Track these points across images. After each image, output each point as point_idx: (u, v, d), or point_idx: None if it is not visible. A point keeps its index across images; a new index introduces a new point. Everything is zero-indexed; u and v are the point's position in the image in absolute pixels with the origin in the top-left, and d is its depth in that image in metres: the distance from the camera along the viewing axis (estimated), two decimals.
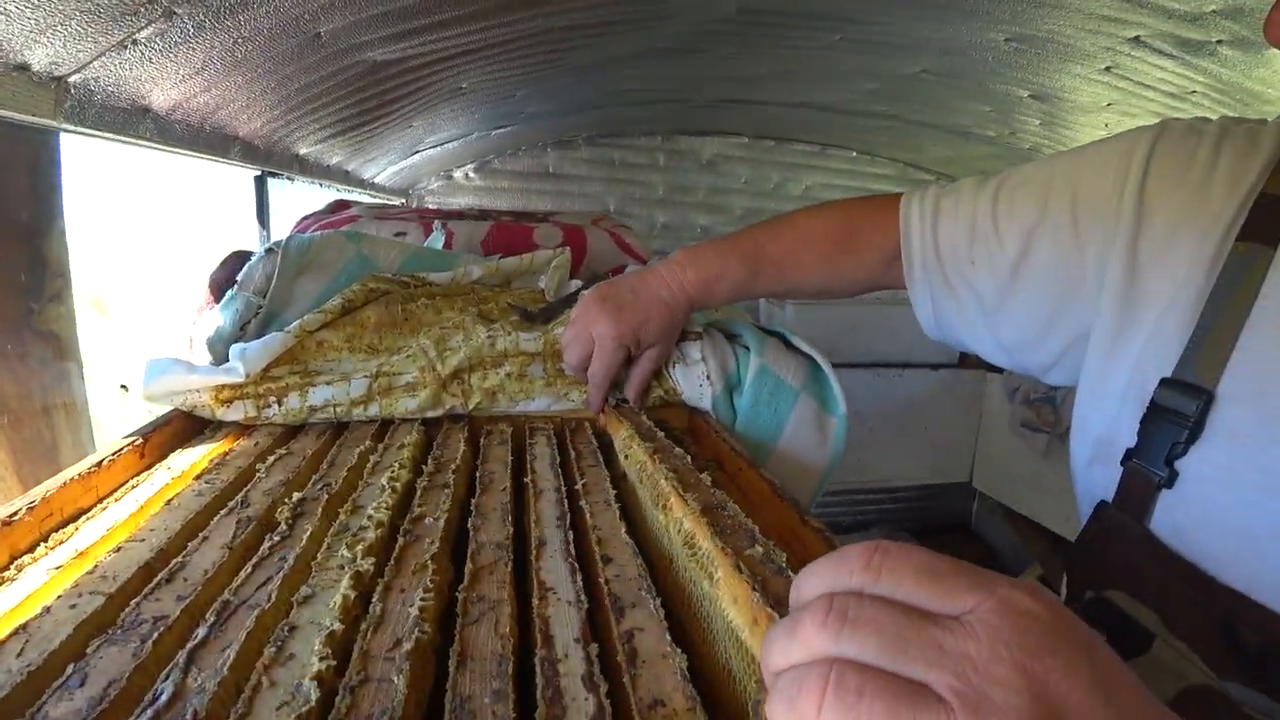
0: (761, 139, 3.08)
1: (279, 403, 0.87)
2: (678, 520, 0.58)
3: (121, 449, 0.74)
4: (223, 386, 0.85)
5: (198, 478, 0.72)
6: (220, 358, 0.97)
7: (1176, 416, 0.59)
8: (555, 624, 0.46)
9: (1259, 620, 0.54)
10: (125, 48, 0.70)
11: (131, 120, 0.83)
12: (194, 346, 0.99)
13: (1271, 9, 0.49)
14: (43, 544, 0.59)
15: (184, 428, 0.86)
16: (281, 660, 0.42)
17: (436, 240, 1.29)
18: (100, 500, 0.68)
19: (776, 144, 3.10)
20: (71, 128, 0.73)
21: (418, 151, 1.99)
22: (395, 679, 0.40)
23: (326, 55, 0.98)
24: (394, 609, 0.47)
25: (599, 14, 1.25)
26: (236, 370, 0.84)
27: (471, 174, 2.87)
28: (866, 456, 2.79)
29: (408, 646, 0.43)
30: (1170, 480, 0.60)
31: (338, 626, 0.45)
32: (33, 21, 0.60)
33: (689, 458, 0.70)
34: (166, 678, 0.41)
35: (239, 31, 0.79)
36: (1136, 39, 1.61)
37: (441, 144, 2.02)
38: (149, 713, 0.38)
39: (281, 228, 1.57)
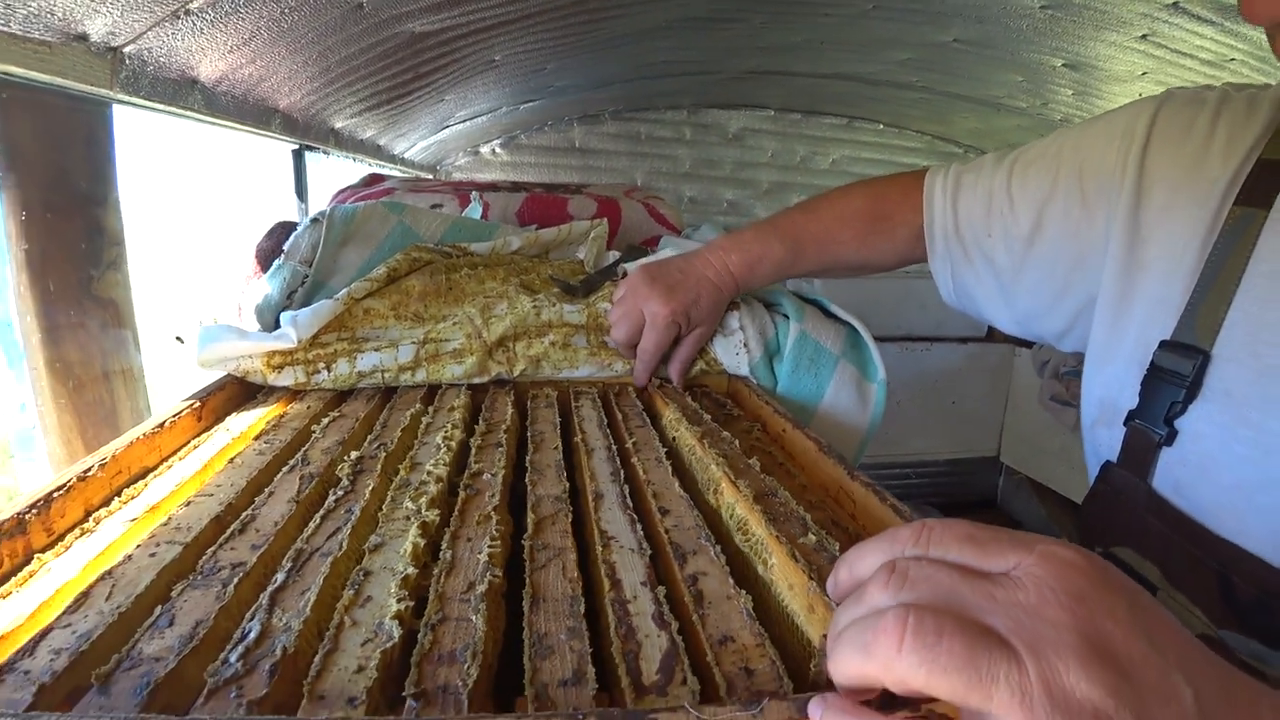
0: (788, 111, 3.05)
1: (328, 368, 0.89)
2: (729, 505, 0.59)
3: (181, 411, 0.76)
4: (274, 353, 0.87)
5: (257, 438, 0.74)
6: (268, 325, 0.98)
7: (1175, 377, 0.60)
8: (621, 569, 0.47)
9: (1252, 571, 0.56)
10: (178, 17, 0.71)
11: (181, 91, 0.85)
12: (242, 314, 1.01)
13: None
14: (116, 499, 0.61)
15: (237, 392, 0.88)
16: (360, 601, 0.44)
17: (474, 211, 1.30)
18: (164, 459, 0.71)
19: (803, 117, 3.07)
20: (126, 98, 0.75)
21: (447, 126, 2.00)
22: (473, 618, 0.41)
23: (368, 26, 0.98)
24: (463, 555, 0.49)
25: None
26: (289, 336, 0.85)
27: (499, 149, 2.87)
28: (893, 430, 2.78)
29: (481, 589, 0.44)
30: (1170, 439, 0.61)
31: (411, 571, 0.46)
32: None
33: (735, 441, 0.70)
34: (252, 618, 0.42)
35: (286, 2, 0.80)
36: (1175, 4, 1.58)
37: (470, 119, 2.03)
38: (239, 649, 0.39)
39: (317, 201, 1.59)
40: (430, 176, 2.67)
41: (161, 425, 0.72)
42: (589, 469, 0.65)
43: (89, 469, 0.61)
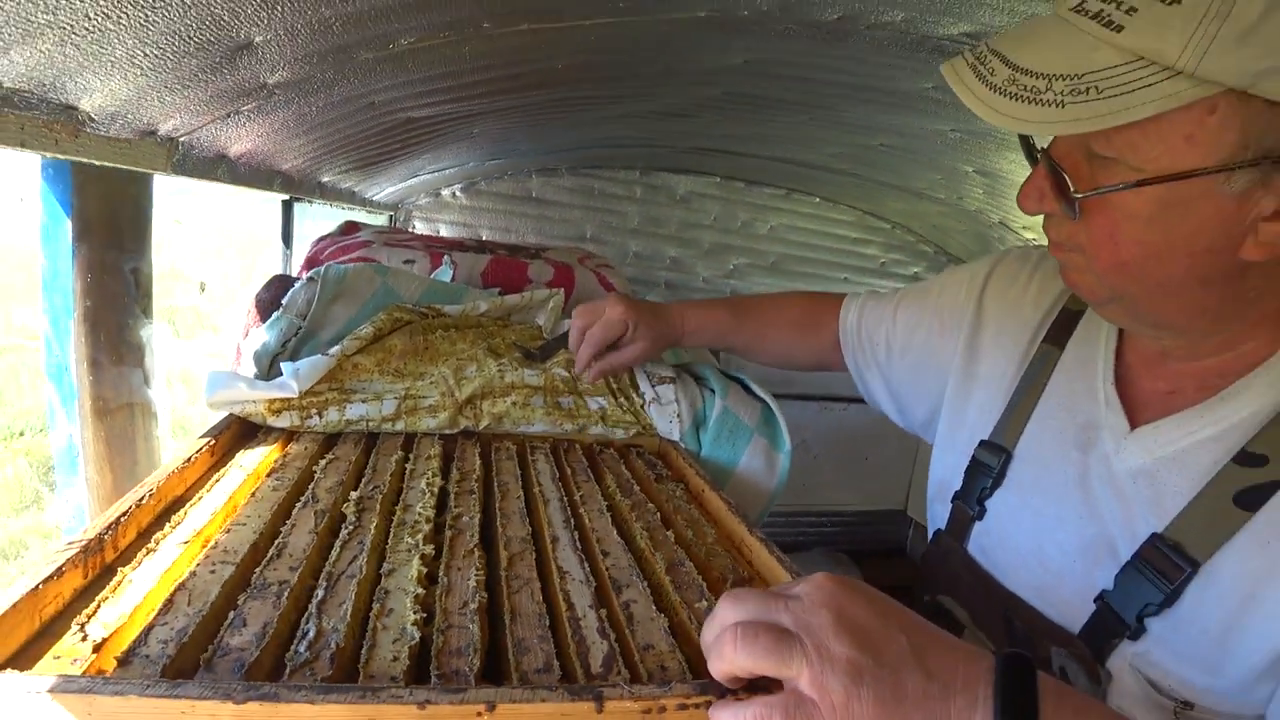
0: (732, 180, 3.29)
1: (320, 415, 1.04)
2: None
3: (200, 449, 0.90)
4: (275, 399, 1.02)
5: (268, 475, 0.89)
6: (265, 370, 1.13)
7: (987, 469, 0.82)
8: (574, 596, 0.64)
9: (1025, 615, 0.76)
10: (230, 116, 0.87)
11: (212, 166, 1.00)
12: (241, 359, 1.15)
13: (1024, 183, 0.68)
14: (163, 523, 0.76)
15: (240, 431, 1.03)
16: (385, 613, 0.60)
17: (445, 272, 1.47)
18: (189, 489, 0.85)
19: (746, 186, 3.31)
20: (174, 176, 0.90)
21: (416, 176, 2.16)
22: (470, 626, 0.58)
23: (375, 115, 1.15)
24: (457, 581, 0.65)
25: (608, 88, 1.45)
26: (290, 387, 1.00)
27: (459, 194, 3.03)
28: (810, 482, 3.01)
29: (473, 606, 0.61)
30: (981, 514, 0.83)
31: (420, 591, 0.63)
32: (174, 104, 0.77)
33: (658, 513, 0.87)
34: (307, 621, 0.58)
35: (316, 105, 0.96)
36: None
37: (438, 171, 2.20)
38: (304, 643, 0.55)
39: (297, 245, 1.73)
40: (391, 215, 2.82)
41: (188, 460, 0.87)
42: (546, 516, 0.83)
43: (142, 498, 0.75)
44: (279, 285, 1.21)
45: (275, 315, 1.16)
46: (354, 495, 0.83)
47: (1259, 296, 0.62)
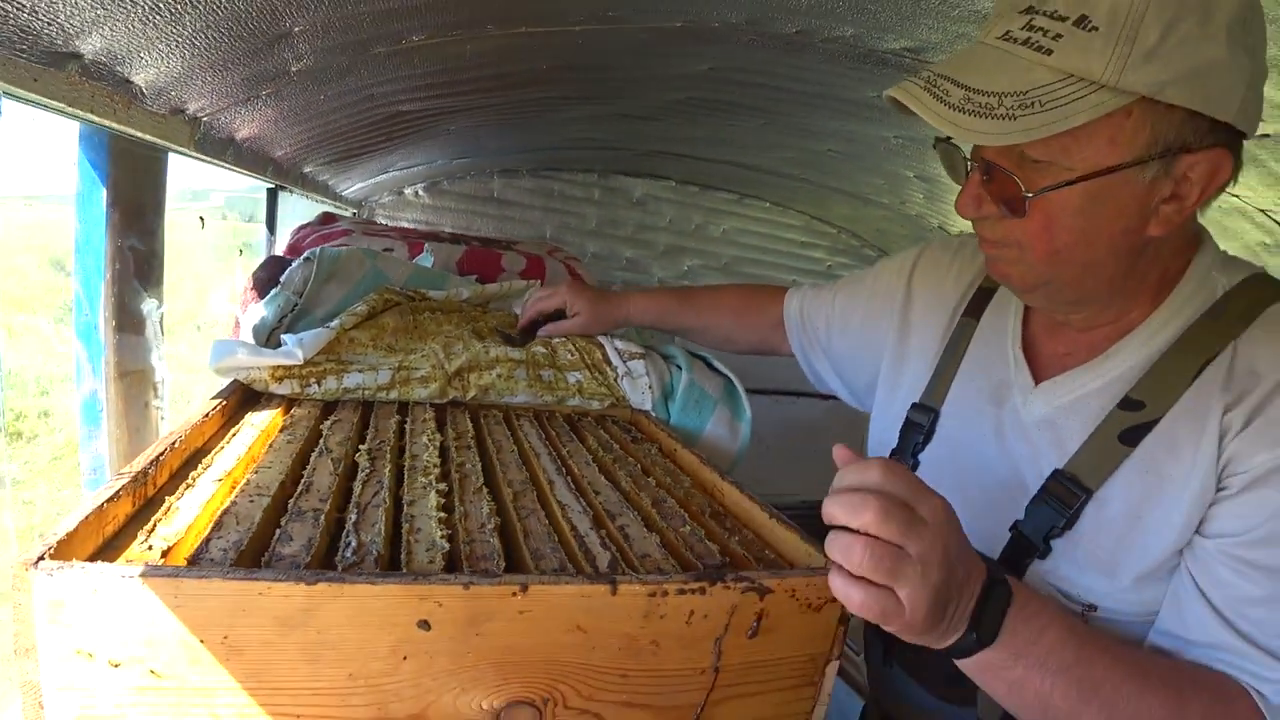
0: (687, 184, 3.42)
1: (319, 383, 1.12)
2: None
3: (214, 408, 0.97)
4: (279, 366, 1.09)
5: (280, 431, 0.96)
6: (263, 342, 1.20)
7: (919, 427, 0.95)
8: (575, 521, 0.74)
9: None
10: (248, 100, 0.95)
11: (223, 147, 1.07)
12: (240, 331, 1.22)
13: (961, 192, 0.80)
14: (192, 467, 0.83)
15: (244, 397, 1.10)
16: (414, 531, 0.69)
17: (426, 260, 1.55)
18: (207, 442, 0.92)
19: (700, 190, 3.44)
20: (194, 154, 0.97)
21: (386, 172, 2.23)
22: (491, 540, 0.67)
23: (371, 107, 1.23)
24: (472, 510, 0.75)
25: (584, 89, 1.55)
26: (295, 354, 1.08)
27: (421, 192, 3.10)
28: (763, 472, 3.13)
29: (490, 526, 0.70)
30: (915, 467, 0.96)
31: (442, 515, 0.72)
32: (210, 84, 0.85)
33: (638, 465, 0.98)
34: (347, 537, 0.67)
35: (324, 94, 1.05)
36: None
37: (408, 168, 2.27)
38: (349, 550, 0.64)
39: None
40: (353, 213, 2.87)
41: (205, 416, 0.94)
42: (540, 465, 0.92)
43: (174, 442, 0.83)
44: (275, 265, 1.28)
45: (274, 292, 1.23)
46: (363, 448, 0.91)
47: (1149, 267, 0.76)
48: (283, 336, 1.14)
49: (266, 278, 1.26)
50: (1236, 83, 0.65)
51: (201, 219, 1.27)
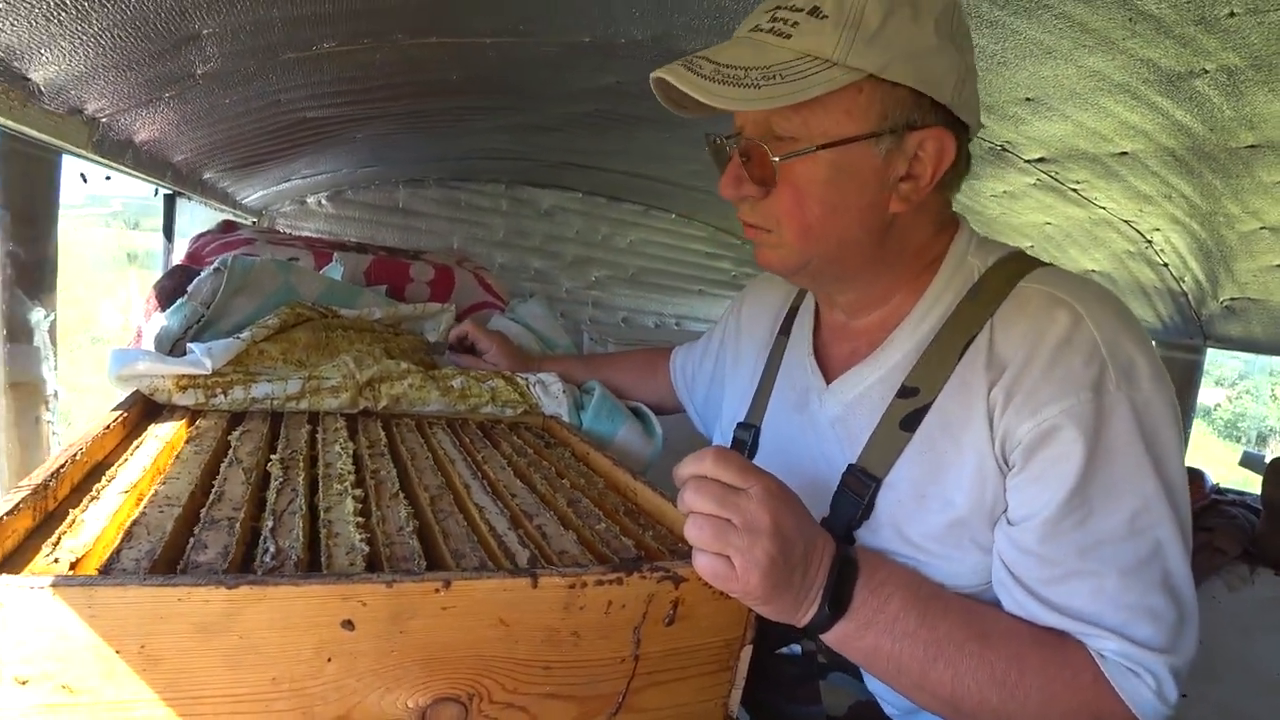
0: (594, 195, 3.46)
1: (224, 394, 1.10)
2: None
3: (115, 420, 0.95)
4: (183, 376, 1.07)
5: (186, 443, 0.94)
6: (166, 352, 1.17)
7: (743, 443, 1.02)
8: (493, 521, 0.76)
9: None
10: (150, 103, 0.93)
11: (121, 150, 1.04)
12: (142, 341, 1.18)
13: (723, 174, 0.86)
14: (94, 480, 0.81)
15: (146, 410, 1.06)
16: (333, 535, 0.69)
17: (336, 269, 1.53)
18: (108, 455, 0.90)
19: (608, 201, 3.49)
20: (90, 156, 0.94)
21: (289, 180, 2.18)
22: (411, 542, 0.69)
23: (277, 113, 1.22)
24: (389, 515, 0.76)
25: (493, 100, 1.57)
26: (204, 364, 1.06)
27: (325, 201, 3.03)
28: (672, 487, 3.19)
29: (409, 529, 0.72)
30: None
31: (360, 520, 0.73)
32: (111, 84, 0.83)
33: (552, 468, 1.01)
34: (265, 543, 0.67)
35: (228, 98, 1.03)
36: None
37: (312, 176, 2.23)
38: (267, 556, 0.64)
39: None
40: (254, 221, 2.79)
41: (106, 428, 0.91)
42: (455, 471, 0.93)
43: (75, 454, 0.80)
44: (181, 274, 1.25)
45: (180, 302, 1.20)
46: (274, 457, 0.90)
47: (902, 245, 0.85)
48: (190, 345, 1.11)
49: (173, 287, 1.23)
50: (948, 70, 0.76)
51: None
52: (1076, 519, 0.71)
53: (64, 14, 0.63)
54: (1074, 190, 1.87)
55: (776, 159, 0.78)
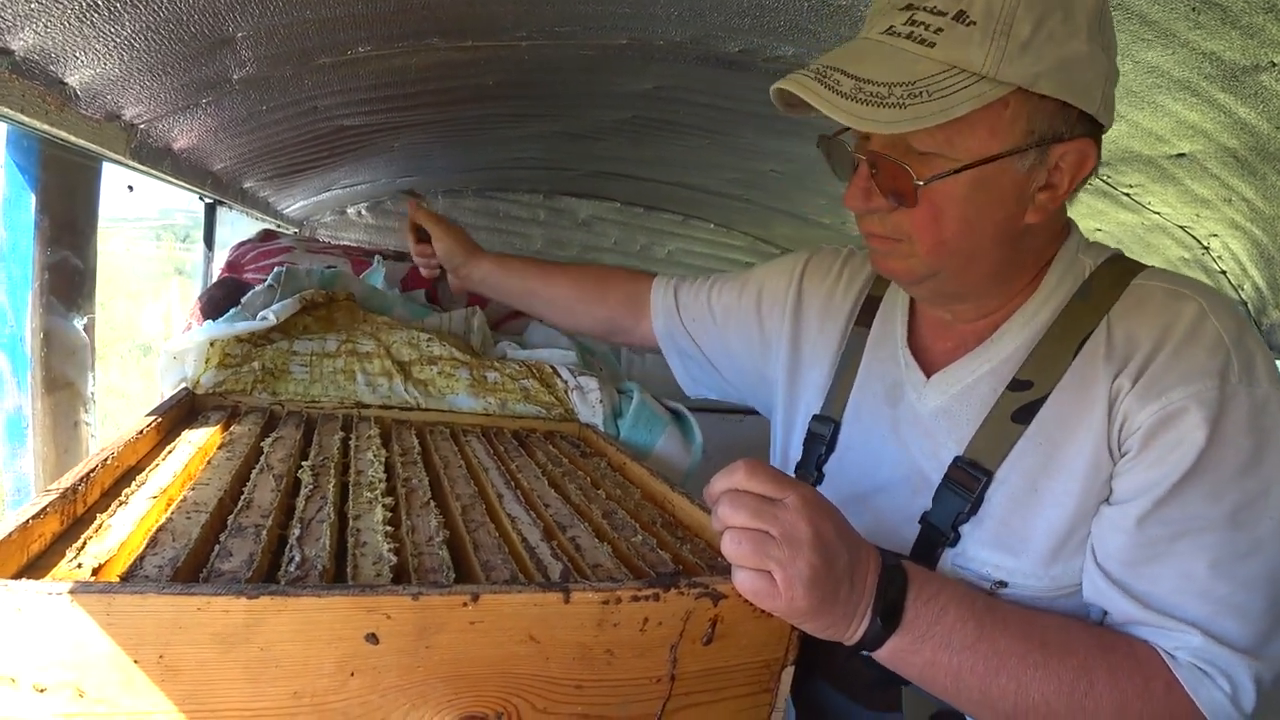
0: (632, 205, 3.44)
1: (270, 345, 1.11)
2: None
3: (149, 424, 0.94)
4: (226, 352, 1.07)
5: (219, 449, 0.93)
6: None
7: (820, 438, 0.97)
8: (525, 533, 0.73)
9: None
10: (187, 109, 0.93)
11: (160, 157, 1.04)
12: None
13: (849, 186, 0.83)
14: (126, 484, 0.80)
15: (182, 414, 1.06)
16: (360, 545, 0.67)
17: (377, 274, 1.53)
18: (140, 460, 0.89)
19: (645, 211, 3.47)
20: (128, 162, 0.95)
21: (329, 190, 2.20)
22: (440, 553, 0.66)
23: (314, 120, 1.22)
24: (419, 523, 0.73)
25: (530, 106, 1.56)
26: (269, 318, 1.07)
27: (365, 212, 3.06)
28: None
29: (439, 539, 0.69)
30: (820, 479, 0.97)
31: (388, 529, 0.71)
32: (147, 89, 0.83)
33: (588, 478, 0.98)
34: (290, 552, 0.65)
35: (265, 104, 1.03)
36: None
37: (351, 186, 2.24)
38: (292, 566, 0.62)
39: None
40: (295, 231, 2.82)
41: (140, 433, 0.91)
42: (488, 480, 0.91)
43: (106, 458, 0.79)
44: (234, 286, 1.26)
45: (233, 311, 1.20)
46: (306, 464, 0.89)
47: (1025, 256, 0.81)
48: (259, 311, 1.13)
49: (223, 296, 1.24)
50: (1097, 76, 0.71)
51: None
52: (1180, 503, 0.69)
53: (96, 15, 0.62)
54: (1127, 195, 1.80)
55: (920, 183, 0.73)
